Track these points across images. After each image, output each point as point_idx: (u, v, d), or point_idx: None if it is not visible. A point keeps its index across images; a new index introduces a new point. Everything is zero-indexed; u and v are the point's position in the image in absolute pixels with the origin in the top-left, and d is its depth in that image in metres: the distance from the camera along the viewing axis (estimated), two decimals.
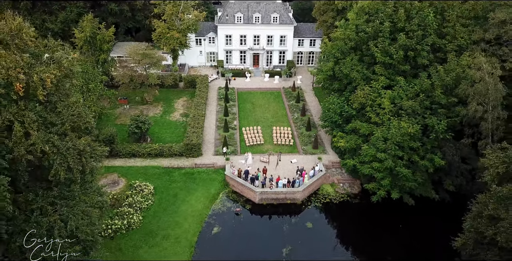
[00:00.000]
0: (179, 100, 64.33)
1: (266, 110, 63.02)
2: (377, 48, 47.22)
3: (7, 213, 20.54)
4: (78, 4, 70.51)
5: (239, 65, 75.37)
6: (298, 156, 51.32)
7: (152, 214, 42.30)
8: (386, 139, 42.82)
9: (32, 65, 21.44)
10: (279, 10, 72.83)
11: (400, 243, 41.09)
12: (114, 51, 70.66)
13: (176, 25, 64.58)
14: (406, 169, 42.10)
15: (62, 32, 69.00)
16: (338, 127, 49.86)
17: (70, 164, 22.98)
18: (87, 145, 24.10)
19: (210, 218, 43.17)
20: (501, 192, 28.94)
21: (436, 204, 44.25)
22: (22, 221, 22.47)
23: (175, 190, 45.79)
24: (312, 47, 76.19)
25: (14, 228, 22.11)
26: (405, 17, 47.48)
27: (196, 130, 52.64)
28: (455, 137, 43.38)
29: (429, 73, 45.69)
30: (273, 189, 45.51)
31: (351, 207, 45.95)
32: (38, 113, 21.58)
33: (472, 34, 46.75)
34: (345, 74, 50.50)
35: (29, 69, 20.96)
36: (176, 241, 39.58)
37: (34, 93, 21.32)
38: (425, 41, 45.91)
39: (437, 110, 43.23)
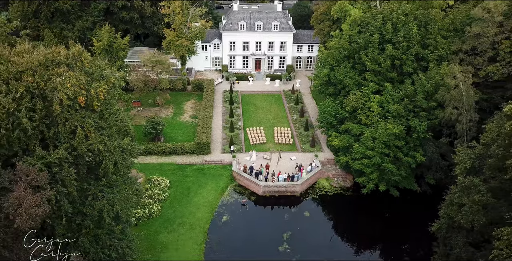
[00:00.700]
0: (188, 103, 70.64)
1: (267, 112, 69.32)
2: (368, 57, 53.42)
3: (73, 197, 26.80)
4: (93, 13, 76.56)
5: (242, 69, 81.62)
6: (297, 154, 57.70)
7: (169, 205, 48.66)
8: (374, 139, 49.17)
9: (88, 82, 27.69)
10: (279, 18, 79.06)
11: (387, 228, 47.53)
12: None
13: (184, 33, 70.73)
14: (391, 164, 48.54)
15: (78, 39, 74.98)
16: (332, 127, 56.21)
17: (116, 160, 29.33)
18: (128, 144, 30.43)
19: (220, 208, 49.57)
20: (464, 182, 35.29)
21: (418, 195, 50.78)
22: (79, 204, 28.77)
23: (188, 184, 52.16)
24: (310, 52, 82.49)
25: (74, 209, 28.40)
26: (392, 29, 53.69)
27: (205, 130, 58.97)
28: (435, 137, 49.77)
29: (413, 80, 52.01)
30: (275, 183, 51.91)
31: (344, 198, 52.39)
32: (93, 120, 27.84)
33: (452, 45, 53.06)
34: (339, 80, 56.76)
35: (88, 85, 27.20)
36: (191, 228, 45.94)
37: (90, 104, 27.55)
38: (410, 51, 52.17)
39: (419, 113, 49.59)
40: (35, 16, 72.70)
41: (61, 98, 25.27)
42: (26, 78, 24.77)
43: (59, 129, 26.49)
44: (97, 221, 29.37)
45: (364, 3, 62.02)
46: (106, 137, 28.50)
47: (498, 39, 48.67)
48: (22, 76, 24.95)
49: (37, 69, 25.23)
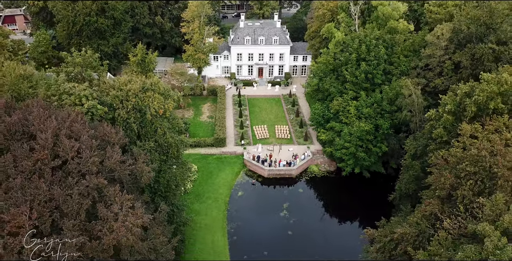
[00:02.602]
0: (205, 105, 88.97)
1: (269, 113, 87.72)
2: (347, 71, 71.60)
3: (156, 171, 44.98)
4: (123, 30, 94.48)
5: (248, 76, 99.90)
6: (293, 146, 76.19)
7: (198, 184, 67.07)
8: (351, 134, 67.66)
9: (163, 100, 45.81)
10: (278, 34, 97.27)
11: (360, 200, 66.06)
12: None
13: (201, 48, 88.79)
14: (364, 153, 67.10)
15: (113, 53, 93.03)
16: (321, 125, 74.63)
17: (178, 148, 47.64)
18: (183, 138, 48.71)
19: (236, 186, 68.11)
20: (404, 163, 53.91)
21: (384, 176, 69.40)
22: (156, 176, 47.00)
23: (210, 169, 70.58)
24: (304, 62, 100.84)
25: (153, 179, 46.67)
26: (366, 50, 71.85)
27: (221, 128, 77.33)
28: (396, 132, 68.30)
29: (381, 89, 70.41)
30: (276, 168, 70.42)
31: (329, 179, 71.04)
32: (166, 123, 46.04)
33: (411, 63, 71.33)
34: (326, 89, 75.06)
35: (164, 103, 45.36)
36: (215, 200, 64.40)
37: (164, 113, 45.73)
38: (379, 67, 70.47)
39: (384, 114, 68.05)
40: (78, 34, 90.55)
41: (151, 111, 43.52)
42: (132, 98, 42.85)
43: (147, 129, 44.74)
44: (166, 187, 47.65)
45: (346, 27, 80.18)
46: (173, 133, 46.84)
47: (443, 59, 67.03)
48: (129, 97, 43.00)
49: (138, 93, 43.28)
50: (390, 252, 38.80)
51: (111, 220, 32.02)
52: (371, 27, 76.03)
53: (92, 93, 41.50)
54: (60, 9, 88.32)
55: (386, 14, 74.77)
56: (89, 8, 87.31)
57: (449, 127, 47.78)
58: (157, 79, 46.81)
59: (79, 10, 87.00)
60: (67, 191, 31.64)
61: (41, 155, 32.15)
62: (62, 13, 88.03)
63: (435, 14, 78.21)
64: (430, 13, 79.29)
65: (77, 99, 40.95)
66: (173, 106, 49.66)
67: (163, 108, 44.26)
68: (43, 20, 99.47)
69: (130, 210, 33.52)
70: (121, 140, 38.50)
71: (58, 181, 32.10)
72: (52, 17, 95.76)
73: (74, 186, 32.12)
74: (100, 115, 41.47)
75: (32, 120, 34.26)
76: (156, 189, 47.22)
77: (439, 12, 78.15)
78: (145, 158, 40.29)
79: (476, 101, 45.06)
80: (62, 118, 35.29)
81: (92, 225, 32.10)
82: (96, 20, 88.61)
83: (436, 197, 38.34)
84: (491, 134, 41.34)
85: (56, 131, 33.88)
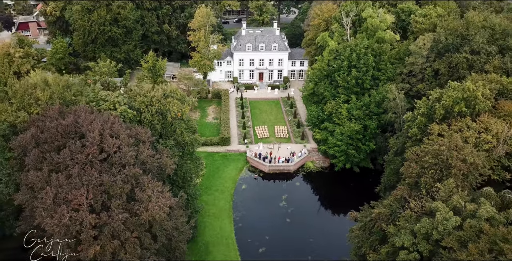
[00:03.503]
0: (210, 108, 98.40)
1: (269, 114, 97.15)
2: (340, 77, 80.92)
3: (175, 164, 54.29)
4: (134, 38, 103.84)
5: (249, 80, 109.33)
6: (291, 144, 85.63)
7: (206, 178, 76.38)
8: (342, 134, 77.10)
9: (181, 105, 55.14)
10: (277, 41, 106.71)
11: (351, 192, 75.55)
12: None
13: (206, 55, 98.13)
14: (354, 151, 76.56)
15: (124, 59, 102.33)
16: (316, 126, 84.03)
17: (193, 145, 57.01)
18: (197, 137, 58.09)
19: (240, 180, 77.54)
20: (387, 159, 63.34)
21: (372, 171, 78.79)
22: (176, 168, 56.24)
23: (217, 165, 79.96)
24: (301, 67, 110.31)
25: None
26: (356, 58, 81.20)
27: (225, 128, 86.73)
28: (382, 131, 77.74)
29: (370, 94, 79.84)
30: (276, 164, 79.81)
31: (323, 174, 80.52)
32: (183, 124, 55.38)
33: (397, 69, 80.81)
34: (320, 92, 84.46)
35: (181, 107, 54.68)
36: (222, 192, 73.77)
37: (182, 116, 55.06)
38: (368, 73, 79.84)
39: (372, 116, 77.46)
40: (93, 42, 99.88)
41: (171, 114, 52.90)
42: (155, 104, 52.16)
43: (167, 129, 54.10)
44: (182, 178, 56.93)
45: (339, 37, 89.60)
46: (189, 133, 56.28)
47: (424, 67, 76.50)
48: (153, 102, 52.27)
49: (160, 99, 52.57)
50: (370, 230, 48.15)
51: (146, 201, 41.36)
52: (361, 37, 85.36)
53: (124, 99, 50.85)
54: (76, 19, 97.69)
55: (374, 25, 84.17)
56: (104, 18, 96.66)
57: (422, 127, 57.24)
58: (175, 87, 56.16)
59: (95, 20, 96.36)
60: (112, 178, 40.98)
61: (91, 150, 41.51)
62: (78, 23, 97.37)
63: (420, 24, 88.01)
64: (416, 23, 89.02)
65: (111, 105, 50.28)
66: (188, 109, 59.12)
67: (181, 112, 53.62)
68: (59, 28, 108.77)
69: (160, 194, 42.87)
70: (150, 138, 47.87)
71: (105, 170, 41.46)
72: (68, 26, 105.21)
73: (117, 174, 41.49)
74: (130, 118, 50.78)
75: (81, 123, 43.63)
76: (175, 180, 56.56)
77: (424, 22, 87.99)
78: (168, 153, 49.69)
79: (444, 105, 54.56)
80: (104, 121, 44.62)
81: (132, 205, 41.46)
82: (110, 29, 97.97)
83: (406, 184, 47.78)
84: (454, 133, 50.76)
85: (101, 131, 43.24)
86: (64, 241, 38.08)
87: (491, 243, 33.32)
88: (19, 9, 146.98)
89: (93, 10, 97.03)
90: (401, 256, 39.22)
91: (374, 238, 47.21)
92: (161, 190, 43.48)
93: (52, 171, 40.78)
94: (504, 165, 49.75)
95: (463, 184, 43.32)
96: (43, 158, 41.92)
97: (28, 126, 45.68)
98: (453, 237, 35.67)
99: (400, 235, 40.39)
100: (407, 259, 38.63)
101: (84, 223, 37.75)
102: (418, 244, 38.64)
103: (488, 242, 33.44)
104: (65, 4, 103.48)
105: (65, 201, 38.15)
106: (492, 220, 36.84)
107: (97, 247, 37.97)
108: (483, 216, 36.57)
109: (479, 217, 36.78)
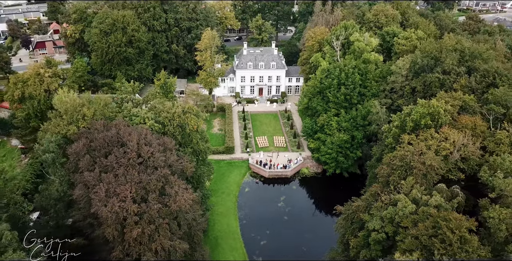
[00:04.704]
0: (215, 120, 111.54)
1: (269, 126, 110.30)
2: (330, 94, 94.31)
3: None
4: (146, 57, 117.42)
5: (250, 95, 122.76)
6: (288, 153, 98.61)
7: (214, 182, 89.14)
8: (333, 143, 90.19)
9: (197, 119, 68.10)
10: (275, 59, 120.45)
11: (340, 194, 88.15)
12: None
13: (212, 73, 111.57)
14: (343, 158, 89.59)
15: (137, 76, 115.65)
16: (310, 136, 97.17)
17: (206, 153, 69.87)
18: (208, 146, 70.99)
19: (243, 184, 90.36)
20: (369, 164, 76.30)
21: (360, 176, 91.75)
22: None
23: (223, 171, 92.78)
24: (297, 83, 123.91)
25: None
26: (345, 77, 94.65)
27: (230, 138, 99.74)
28: (368, 141, 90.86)
29: (357, 108, 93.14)
30: (275, 170, 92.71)
31: (317, 178, 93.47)
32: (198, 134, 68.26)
33: (380, 87, 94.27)
34: (314, 107, 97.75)
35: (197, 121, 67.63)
36: (228, 194, 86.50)
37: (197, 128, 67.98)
38: (355, 90, 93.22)
39: (359, 127, 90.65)
40: (110, 61, 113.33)
41: (189, 127, 65.88)
42: (176, 118, 65.10)
43: (186, 139, 67.04)
44: (197, 180, 69.64)
45: (330, 57, 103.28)
46: (203, 142, 69.29)
47: (403, 84, 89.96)
48: (175, 117, 65.20)
49: (180, 114, 65.51)
50: (351, 220, 60.81)
51: (174, 195, 54.05)
52: (349, 58, 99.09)
53: (151, 115, 63.90)
54: (95, 41, 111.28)
55: (361, 48, 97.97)
56: (120, 40, 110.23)
57: (396, 137, 70.33)
58: (192, 105, 69.27)
59: (112, 42, 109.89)
60: (148, 177, 53.74)
61: (131, 155, 54.38)
62: (97, 44, 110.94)
63: (402, 46, 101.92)
64: (399, 45, 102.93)
65: (141, 119, 63.29)
66: (202, 123, 72.20)
67: (197, 125, 66.70)
68: (78, 48, 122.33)
69: (184, 190, 55.61)
70: (174, 147, 60.82)
71: (142, 171, 54.25)
72: (86, 46, 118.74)
73: (151, 174, 54.28)
74: (156, 130, 63.72)
75: (122, 134, 56.56)
76: (191, 182, 69.26)
77: (405, 44, 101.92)
78: (187, 159, 62.60)
79: (413, 119, 67.79)
80: (139, 132, 57.58)
81: (163, 198, 54.13)
82: (125, 50, 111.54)
83: (380, 182, 60.72)
84: (421, 142, 63.81)
85: (138, 140, 56.15)
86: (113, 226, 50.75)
87: (435, 222, 46.02)
88: (34, 28, 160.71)
89: (110, 33, 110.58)
90: (372, 237, 51.92)
91: (354, 226, 59.89)
92: (185, 187, 56.20)
93: (102, 172, 53.53)
94: (459, 167, 62.75)
95: (422, 181, 56.28)
96: (94, 162, 54.74)
97: (78, 137, 58.60)
98: (409, 219, 48.42)
99: (372, 221, 53.16)
100: (376, 238, 51.35)
101: (129, 211, 50.38)
102: (385, 226, 51.36)
103: (433, 221, 46.13)
104: (83, 27, 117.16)
105: (114, 194, 50.81)
106: (440, 207, 49.72)
107: (138, 229, 50.58)
108: (432, 204, 49.47)
109: (429, 205, 49.68)
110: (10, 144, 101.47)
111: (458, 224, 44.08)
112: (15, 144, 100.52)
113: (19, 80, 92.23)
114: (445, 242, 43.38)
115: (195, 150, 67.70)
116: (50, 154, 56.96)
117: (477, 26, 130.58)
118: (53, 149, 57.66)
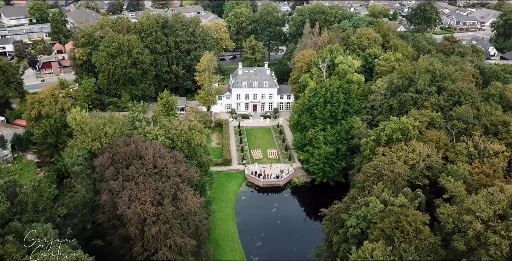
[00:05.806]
0: (213, 135, 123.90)
1: (262, 140, 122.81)
2: (317, 110, 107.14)
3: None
4: (149, 77, 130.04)
5: (245, 111, 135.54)
6: (280, 164, 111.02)
7: (214, 191, 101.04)
8: (320, 155, 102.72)
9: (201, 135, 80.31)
10: (268, 79, 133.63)
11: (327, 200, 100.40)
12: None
13: (210, 92, 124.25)
14: (329, 168, 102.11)
15: (141, 95, 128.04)
16: (300, 149, 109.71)
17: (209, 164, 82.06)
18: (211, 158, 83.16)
19: (240, 193, 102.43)
20: (351, 173, 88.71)
21: (344, 184, 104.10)
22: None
23: (221, 181, 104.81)
24: (288, 99, 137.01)
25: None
26: (330, 95, 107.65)
27: (227, 151, 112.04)
28: (351, 153, 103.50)
29: (341, 123, 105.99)
30: (268, 180, 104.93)
31: (306, 187, 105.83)
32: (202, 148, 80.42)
33: (362, 104, 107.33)
34: (303, 122, 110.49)
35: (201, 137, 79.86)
36: (226, 202, 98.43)
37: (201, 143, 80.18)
38: (339, 108, 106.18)
39: (343, 141, 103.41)
40: (115, 82, 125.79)
41: (194, 142, 78.11)
42: (183, 135, 77.27)
43: (191, 152, 79.21)
44: (201, 188, 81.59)
45: (317, 78, 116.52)
46: (206, 155, 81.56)
47: (382, 102, 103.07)
48: (182, 134, 77.36)
49: (186, 131, 77.70)
50: (334, 220, 72.96)
51: (184, 200, 65.99)
52: (334, 79, 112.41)
53: (162, 132, 76.13)
54: (102, 63, 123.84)
55: (344, 70, 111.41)
56: (125, 62, 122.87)
57: (372, 149, 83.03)
58: (196, 123, 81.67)
59: (118, 64, 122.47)
60: (163, 185, 65.73)
61: (148, 166, 66.45)
62: (104, 66, 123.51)
63: (382, 67, 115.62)
64: (379, 66, 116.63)
65: (154, 136, 75.48)
66: (205, 138, 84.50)
67: (201, 140, 79.03)
68: (86, 70, 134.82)
69: (193, 195, 67.61)
70: (182, 159, 72.99)
71: (158, 179, 66.27)
72: (93, 68, 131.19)
73: (165, 182, 66.30)
74: (166, 145, 75.86)
75: (140, 148, 68.69)
76: (195, 190, 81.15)
77: (385, 65, 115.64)
78: (193, 170, 74.74)
79: (386, 133, 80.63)
80: (154, 147, 69.76)
81: (175, 202, 66.05)
82: (130, 71, 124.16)
83: (356, 188, 73.15)
84: (392, 153, 76.48)
85: (153, 154, 68.29)
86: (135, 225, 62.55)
87: (397, 217, 58.36)
88: (39, 48, 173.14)
89: (117, 56, 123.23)
90: (350, 232, 64.12)
91: (336, 225, 72.03)
92: (193, 193, 68.23)
93: (124, 180, 65.49)
94: (425, 174, 75.35)
95: (391, 186, 68.83)
96: (117, 172, 66.72)
97: (102, 151, 70.62)
98: (378, 216, 60.74)
99: (350, 219, 65.42)
100: (353, 233, 63.53)
101: (148, 212, 62.24)
102: (359, 223, 63.61)
103: (396, 217, 58.47)
104: (91, 50, 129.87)
105: (136, 198, 62.71)
106: (403, 206, 62.18)
107: (156, 228, 62.41)
108: (397, 204, 61.94)
109: (395, 204, 62.14)
110: (26, 158, 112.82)
111: (414, 218, 56.49)
112: (30, 159, 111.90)
113: (35, 100, 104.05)
114: (403, 232, 55.71)
115: (199, 162, 79.88)
116: (78, 166, 68.83)
117: (452, 47, 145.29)
118: (81, 162, 69.55)
